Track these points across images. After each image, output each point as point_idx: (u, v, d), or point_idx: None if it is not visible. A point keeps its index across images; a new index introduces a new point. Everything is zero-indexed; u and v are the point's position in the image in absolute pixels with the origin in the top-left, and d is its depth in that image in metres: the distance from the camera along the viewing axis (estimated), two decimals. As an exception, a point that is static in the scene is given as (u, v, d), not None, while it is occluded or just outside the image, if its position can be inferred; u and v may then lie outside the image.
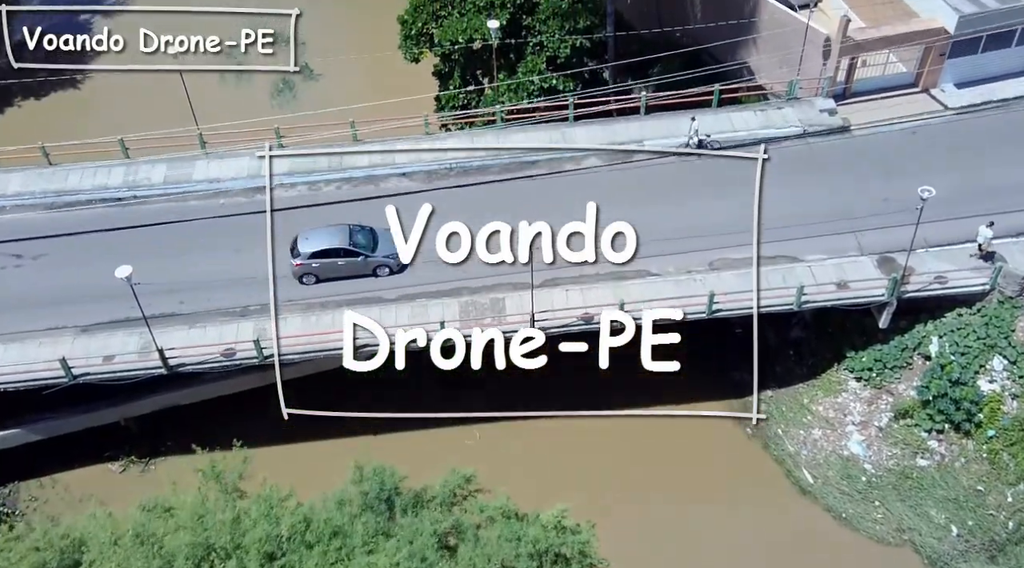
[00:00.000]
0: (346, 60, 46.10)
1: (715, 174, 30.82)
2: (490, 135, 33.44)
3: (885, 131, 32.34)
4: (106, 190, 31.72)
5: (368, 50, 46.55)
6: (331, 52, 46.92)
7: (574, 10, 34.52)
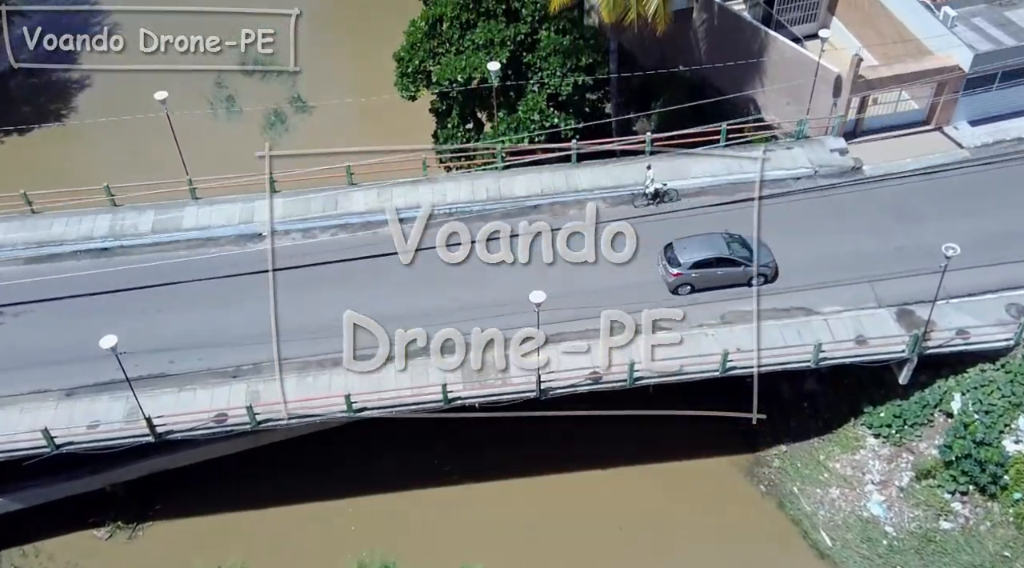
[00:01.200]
0: (340, 91, 45.13)
1: (723, 221, 29.93)
2: (490, 178, 32.29)
3: (898, 172, 31.28)
4: (91, 240, 30.47)
5: (363, 81, 45.51)
6: (325, 83, 45.95)
7: (576, 47, 33.45)
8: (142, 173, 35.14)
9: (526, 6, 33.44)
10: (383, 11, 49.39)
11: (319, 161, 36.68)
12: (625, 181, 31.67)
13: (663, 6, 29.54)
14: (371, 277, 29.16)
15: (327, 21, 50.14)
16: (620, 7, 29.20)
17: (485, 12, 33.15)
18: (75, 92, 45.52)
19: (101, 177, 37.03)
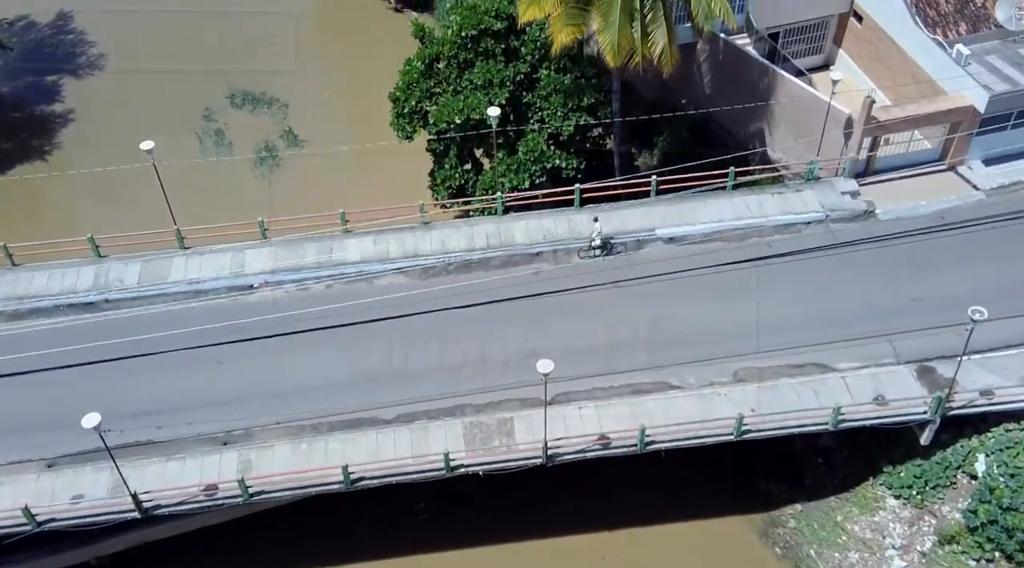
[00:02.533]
0: (333, 124, 44.02)
1: (738, 265, 28.89)
2: (490, 223, 31.12)
3: (912, 215, 30.27)
4: (75, 294, 29.13)
5: (357, 113, 44.25)
6: (317, 115, 44.68)
7: (577, 87, 32.38)
8: (128, 218, 33.99)
9: (525, 45, 32.37)
10: (378, 41, 48.35)
11: (312, 205, 35.79)
12: (629, 226, 30.60)
13: (670, 48, 28.45)
14: (367, 331, 27.99)
15: (319, 51, 49.08)
16: (624, 50, 28.11)
17: (483, 52, 32.03)
18: (59, 127, 44.12)
19: (85, 222, 35.94)
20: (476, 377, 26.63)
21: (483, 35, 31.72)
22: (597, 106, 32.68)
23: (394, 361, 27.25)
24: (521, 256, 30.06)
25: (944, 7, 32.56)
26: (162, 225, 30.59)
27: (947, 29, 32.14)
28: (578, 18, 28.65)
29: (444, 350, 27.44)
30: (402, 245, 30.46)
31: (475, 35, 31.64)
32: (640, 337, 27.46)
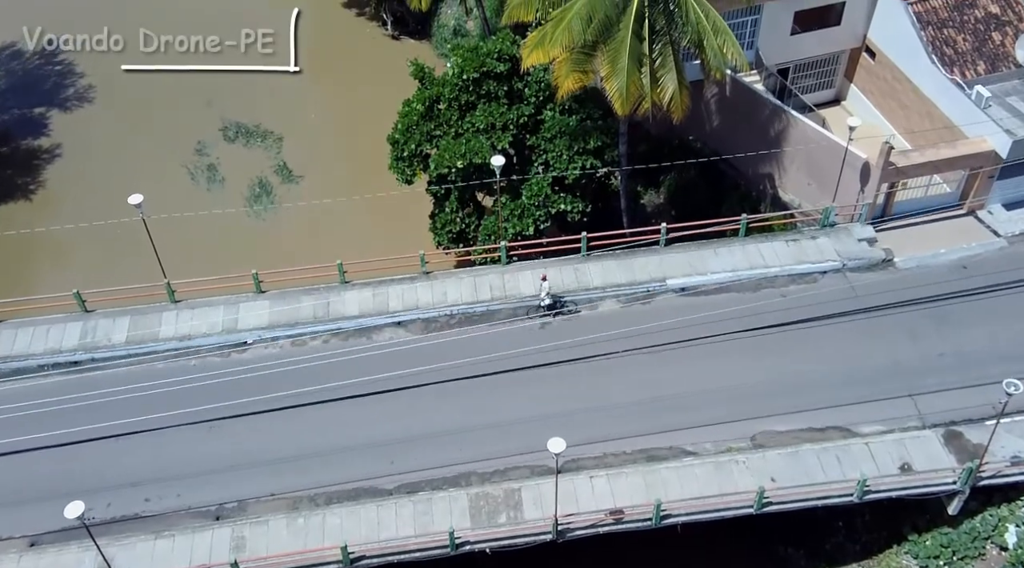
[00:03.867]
0: (329, 158, 42.81)
1: (749, 320, 27.73)
2: (493, 273, 29.91)
3: (932, 264, 29.17)
4: (60, 354, 27.84)
5: (353, 147, 43.06)
6: (312, 149, 43.41)
7: (583, 129, 31.22)
8: (116, 269, 32.78)
9: (529, 86, 31.21)
10: (375, 69, 47.16)
11: (308, 246, 34.52)
12: (640, 277, 29.41)
13: (680, 93, 27.30)
14: (366, 390, 26.65)
15: (314, 81, 47.80)
16: (633, 97, 26.95)
17: (486, 94, 30.85)
18: (45, 163, 42.78)
19: (72, 272, 34.62)
20: (481, 441, 25.40)
21: (485, 77, 30.54)
22: (604, 149, 31.51)
23: (394, 423, 25.99)
24: (527, 308, 28.92)
25: (961, 45, 31.52)
26: (151, 275, 29.34)
27: (965, 68, 31.07)
28: (584, 63, 27.49)
29: (447, 410, 26.20)
30: (402, 297, 29.21)
31: (477, 78, 30.45)
32: (653, 396, 26.22)
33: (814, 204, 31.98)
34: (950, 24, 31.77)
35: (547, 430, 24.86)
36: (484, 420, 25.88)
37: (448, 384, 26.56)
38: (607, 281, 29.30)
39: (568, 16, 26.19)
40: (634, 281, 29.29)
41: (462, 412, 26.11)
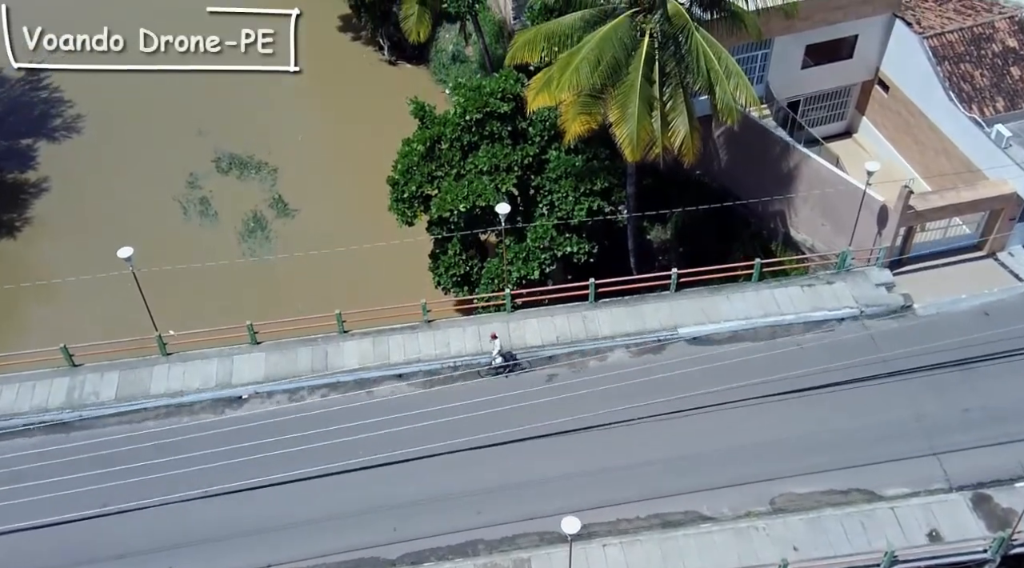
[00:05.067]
0: (325, 191, 41.59)
1: (768, 369, 26.65)
2: (498, 322, 28.79)
3: (953, 311, 28.16)
4: (46, 412, 26.63)
5: (351, 180, 41.91)
6: (308, 181, 42.15)
7: (589, 169, 30.17)
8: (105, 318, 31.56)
9: (534, 125, 30.14)
10: (372, 96, 46.01)
11: (304, 287, 33.32)
12: (650, 326, 28.35)
13: (691, 137, 26.26)
14: (367, 449, 25.47)
15: (309, 109, 46.60)
16: (644, 142, 25.87)
17: (489, 135, 29.76)
18: (32, 197, 41.44)
19: (58, 322, 33.25)
20: (489, 505, 24.28)
21: (488, 118, 29.46)
22: (611, 190, 30.46)
23: (396, 486, 24.81)
24: (533, 360, 27.81)
25: (979, 81, 30.56)
26: (142, 325, 28.13)
27: (983, 105, 30.11)
28: (592, 107, 26.40)
29: (451, 471, 25.05)
30: (403, 347, 28.08)
31: (480, 118, 29.37)
32: (666, 455, 25.11)
33: (828, 245, 30.99)
34: (967, 59, 30.83)
35: (558, 492, 23.87)
36: (491, 482, 24.73)
37: (452, 444, 25.41)
38: (616, 330, 28.22)
39: (576, 60, 25.11)
40: (644, 329, 28.22)
41: (467, 473, 24.93)
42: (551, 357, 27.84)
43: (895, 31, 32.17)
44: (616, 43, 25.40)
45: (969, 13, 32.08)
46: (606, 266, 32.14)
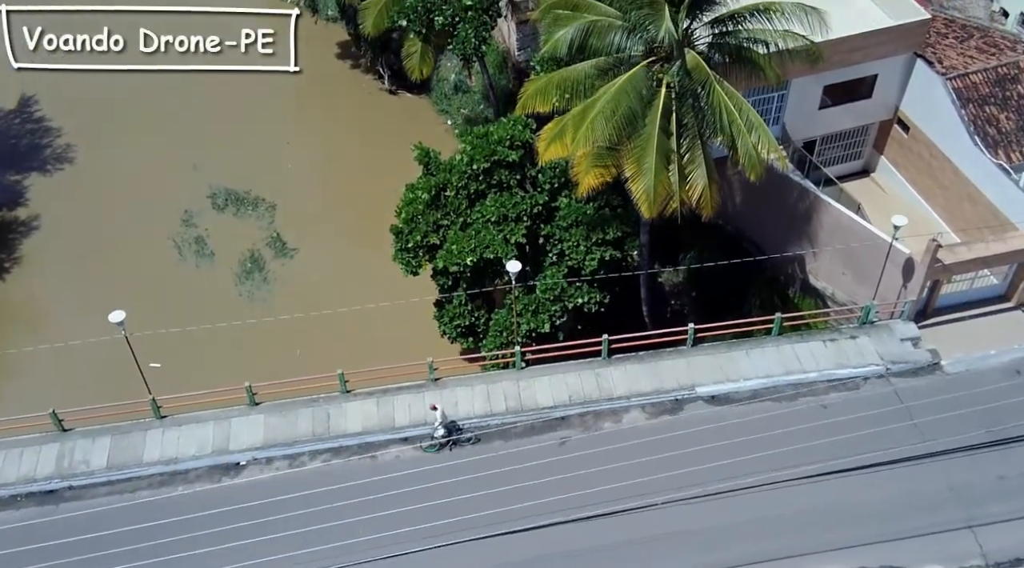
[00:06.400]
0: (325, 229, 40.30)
1: (791, 433, 25.45)
2: (508, 380, 27.58)
3: (983, 368, 26.99)
4: (34, 482, 25.34)
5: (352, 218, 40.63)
6: (307, 219, 40.80)
7: (601, 218, 28.99)
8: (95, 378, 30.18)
9: (543, 172, 28.94)
10: (372, 127, 44.80)
11: (302, 333, 32.00)
12: (667, 384, 27.14)
13: (710, 189, 25.09)
14: (371, 523, 24.22)
15: (308, 140, 45.18)
16: (661, 197, 24.70)
17: (497, 184, 28.57)
18: (21, 236, 40.08)
19: (47, 383, 31.74)
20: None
21: (496, 166, 28.27)
22: (624, 239, 29.29)
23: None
24: (545, 421, 26.62)
25: (1004, 124, 29.46)
26: (134, 385, 26.81)
27: (1010, 150, 29.01)
28: (607, 159, 25.19)
29: (461, 549, 23.81)
30: (409, 408, 26.84)
31: (487, 167, 28.17)
32: (683, 528, 23.77)
33: (849, 295, 29.86)
34: (992, 101, 29.73)
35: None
36: (503, 560, 23.49)
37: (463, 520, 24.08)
38: (632, 389, 27.01)
39: (591, 114, 23.90)
40: (660, 389, 27.01)
41: (478, 553, 23.68)
42: (563, 418, 26.71)
43: (916, 70, 31.05)
44: (632, 94, 24.20)
45: (992, 51, 31.01)
46: (617, 313, 30.97)
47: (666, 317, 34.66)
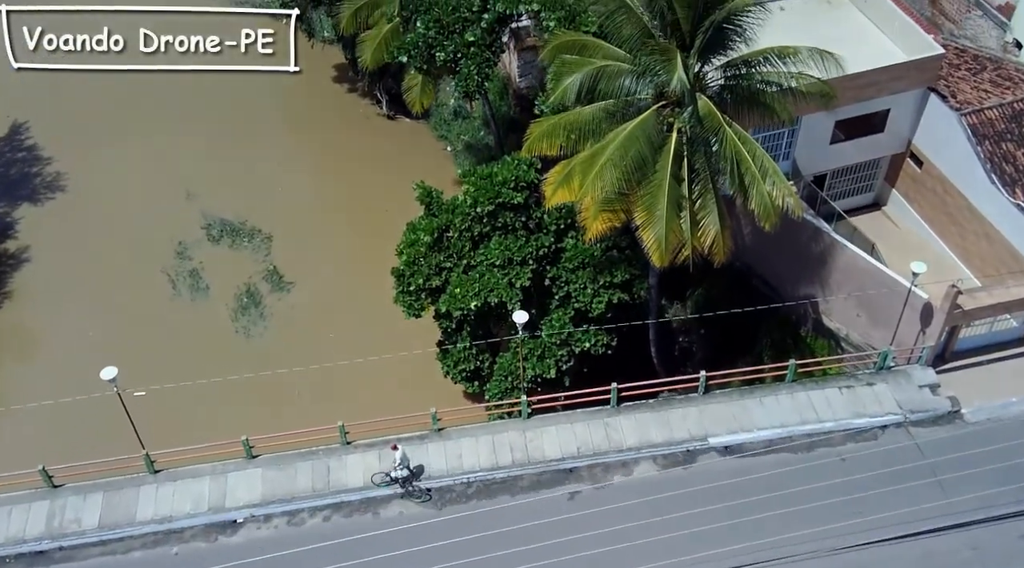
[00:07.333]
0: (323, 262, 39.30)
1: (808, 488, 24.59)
2: (513, 430, 26.72)
3: (1005, 416, 26.17)
4: (23, 543, 24.38)
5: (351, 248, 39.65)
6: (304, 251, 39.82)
7: (610, 260, 28.14)
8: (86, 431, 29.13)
9: (549, 213, 28.06)
10: (370, 153, 43.87)
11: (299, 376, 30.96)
12: (678, 435, 26.30)
13: (722, 236, 24.25)
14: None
15: (304, 169, 44.17)
16: (672, 245, 23.86)
17: (501, 226, 27.70)
18: (11, 270, 38.98)
19: (33, 434, 30.66)
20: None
21: (501, 209, 27.40)
22: (632, 281, 28.44)
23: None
24: (552, 473, 25.77)
25: (1021, 161, 28.66)
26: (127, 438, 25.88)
27: (1028, 188, 28.24)
28: (616, 204, 24.33)
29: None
30: (412, 462, 25.95)
31: (492, 209, 27.31)
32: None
33: (864, 337, 29.03)
34: (1008, 137, 28.94)
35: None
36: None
37: None
38: (642, 439, 26.20)
39: (600, 161, 23.04)
40: (672, 440, 26.18)
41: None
42: (571, 470, 25.86)
43: (930, 104, 30.25)
44: (642, 139, 23.33)
45: (1007, 85, 30.20)
46: (623, 351, 30.11)
47: (674, 355, 33.87)
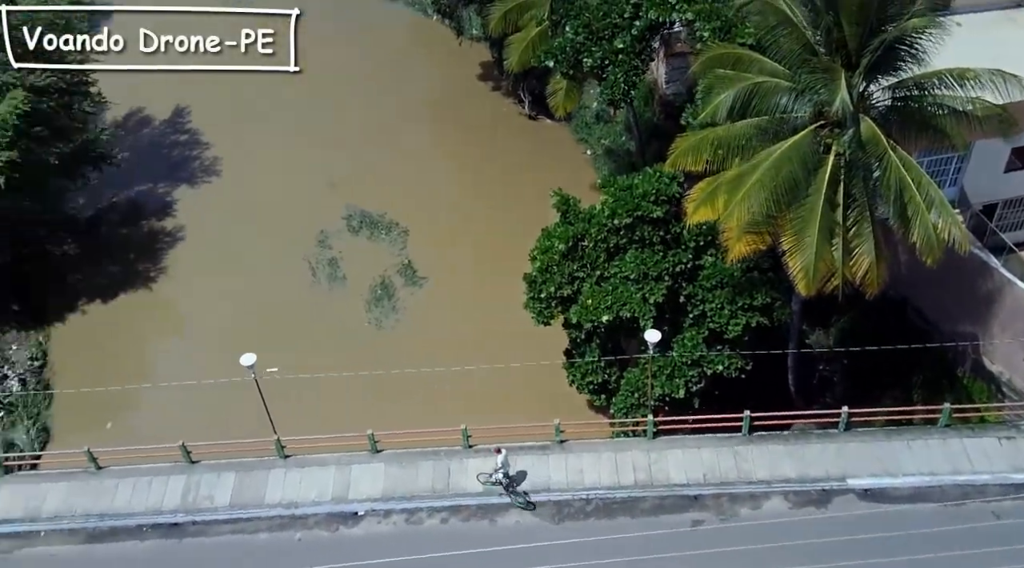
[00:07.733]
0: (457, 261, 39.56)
1: (956, 544, 22.71)
2: (637, 449, 26.03)
3: None
4: (160, 513, 25.71)
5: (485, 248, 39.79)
6: (440, 249, 40.21)
7: (750, 281, 26.91)
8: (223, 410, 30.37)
9: (688, 229, 27.09)
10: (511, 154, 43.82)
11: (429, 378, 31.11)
12: (813, 472, 24.89)
13: (877, 266, 22.65)
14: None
15: (445, 166, 44.55)
16: (821, 274, 22.49)
17: (639, 240, 26.96)
18: (167, 247, 41.21)
19: (173, 411, 32.18)
20: None
21: (639, 221, 26.67)
22: (773, 306, 27.11)
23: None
24: (675, 499, 24.94)
25: None
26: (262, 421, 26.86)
27: None
28: (762, 226, 23.12)
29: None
30: (531, 472, 25.72)
31: (629, 222, 26.62)
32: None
33: None
34: None
35: None
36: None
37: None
38: (774, 473, 25.01)
39: (749, 182, 21.96)
40: (806, 476, 24.84)
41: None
42: (696, 497, 24.93)
43: (1126, 130, 27.33)
44: (796, 160, 22.08)
45: None
46: (758, 377, 28.78)
47: (812, 384, 32.14)
